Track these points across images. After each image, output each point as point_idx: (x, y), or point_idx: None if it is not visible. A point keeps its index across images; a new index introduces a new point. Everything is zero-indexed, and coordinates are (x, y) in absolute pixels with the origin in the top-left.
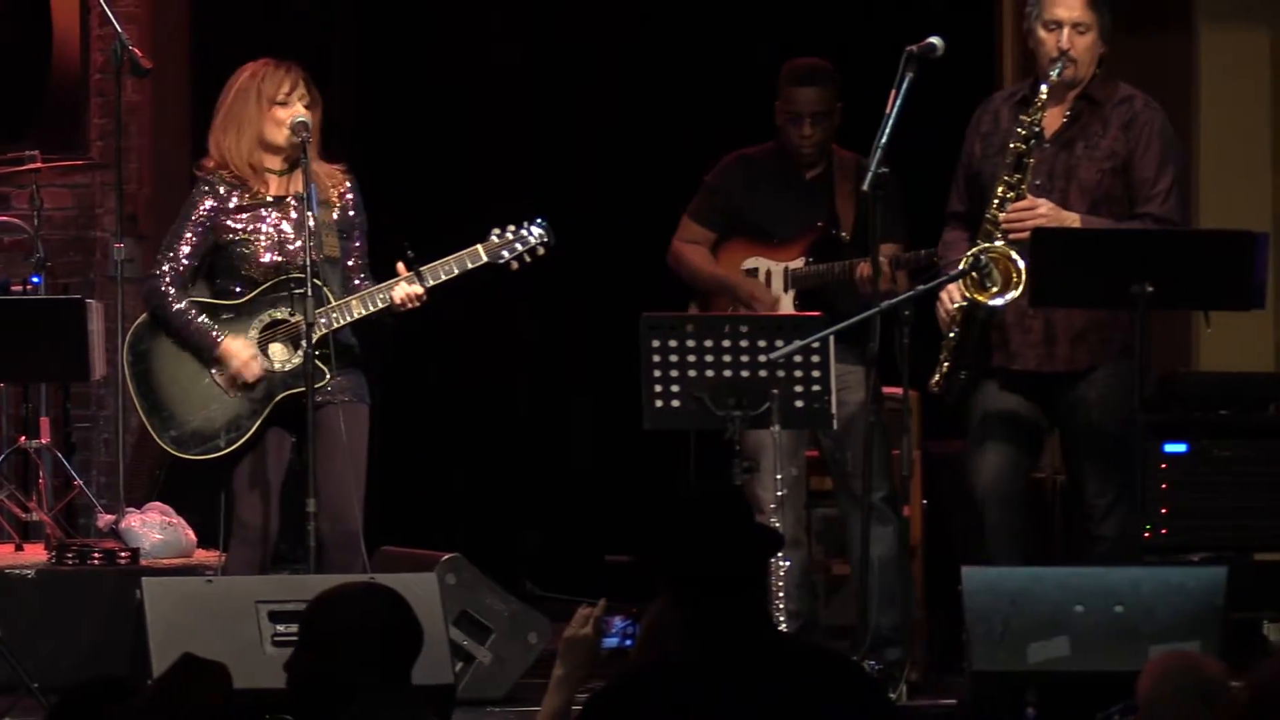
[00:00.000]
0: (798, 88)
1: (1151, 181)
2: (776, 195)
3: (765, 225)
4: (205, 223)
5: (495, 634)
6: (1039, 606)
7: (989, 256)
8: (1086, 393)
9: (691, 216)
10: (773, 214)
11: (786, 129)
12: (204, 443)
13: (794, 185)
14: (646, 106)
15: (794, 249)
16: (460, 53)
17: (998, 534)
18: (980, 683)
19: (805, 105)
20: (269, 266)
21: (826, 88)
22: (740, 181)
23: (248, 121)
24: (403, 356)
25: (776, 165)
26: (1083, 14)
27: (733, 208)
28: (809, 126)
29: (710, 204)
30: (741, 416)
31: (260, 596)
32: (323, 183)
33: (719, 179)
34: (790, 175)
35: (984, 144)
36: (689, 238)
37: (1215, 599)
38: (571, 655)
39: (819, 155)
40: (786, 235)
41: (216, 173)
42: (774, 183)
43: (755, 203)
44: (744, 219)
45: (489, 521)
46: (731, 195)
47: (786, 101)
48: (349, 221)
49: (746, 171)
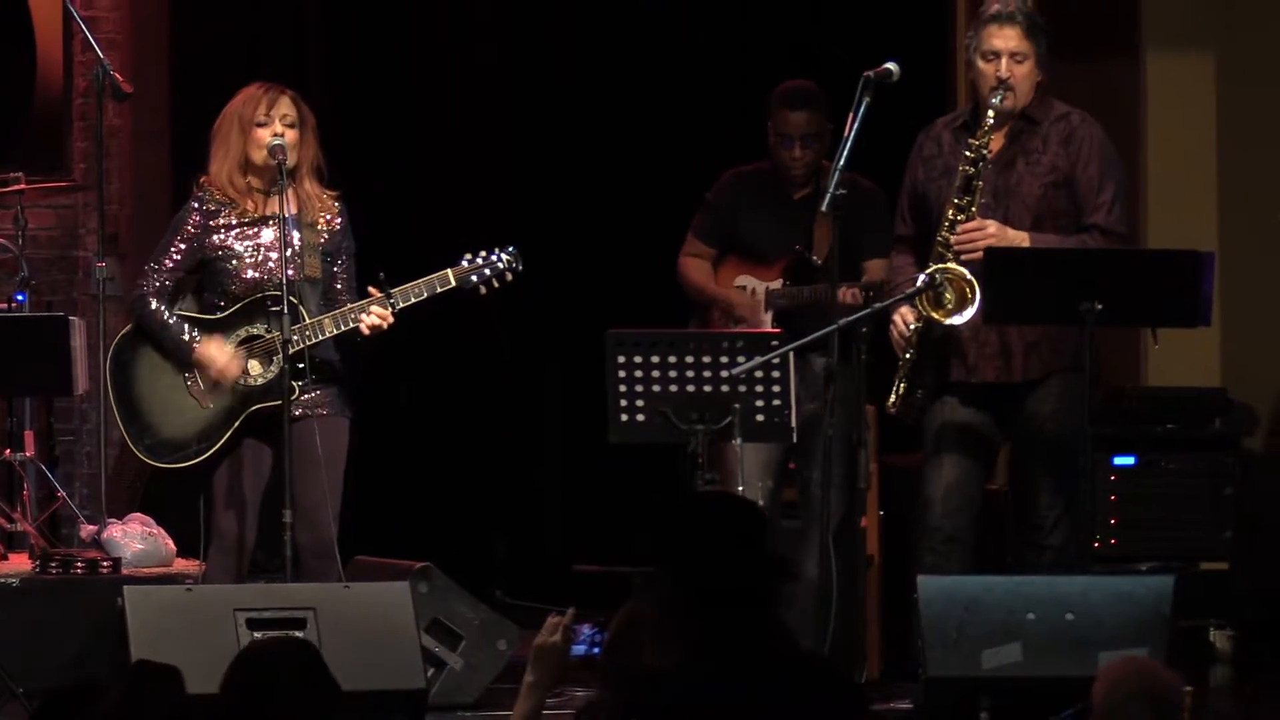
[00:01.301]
0: (789, 111)
1: (1095, 194)
2: (766, 215)
3: (755, 244)
4: (192, 238)
5: (466, 641)
6: (992, 614)
7: (944, 276)
8: (1039, 407)
9: (694, 233)
10: (761, 233)
11: (778, 150)
12: (176, 451)
13: (782, 206)
14: (615, 131)
15: (776, 270)
16: (437, 75)
17: (950, 543)
18: (935, 688)
19: (795, 128)
20: (250, 283)
21: (816, 111)
22: (735, 200)
23: (231, 144)
24: (377, 373)
25: (769, 185)
26: (1020, 44)
27: (729, 225)
28: (799, 149)
29: (709, 221)
30: (704, 430)
31: (238, 604)
32: (312, 205)
33: (717, 196)
34: (780, 196)
35: (927, 168)
36: (692, 252)
37: (1163, 607)
38: (541, 662)
39: (809, 176)
40: (770, 255)
41: (209, 190)
42: (765, 203)
43: (748, 221)
44: (739, 237)
45: (460, 532)
46: (727, 213)
47: (778, 124)
48: (336, 245)
49: (741, 190)
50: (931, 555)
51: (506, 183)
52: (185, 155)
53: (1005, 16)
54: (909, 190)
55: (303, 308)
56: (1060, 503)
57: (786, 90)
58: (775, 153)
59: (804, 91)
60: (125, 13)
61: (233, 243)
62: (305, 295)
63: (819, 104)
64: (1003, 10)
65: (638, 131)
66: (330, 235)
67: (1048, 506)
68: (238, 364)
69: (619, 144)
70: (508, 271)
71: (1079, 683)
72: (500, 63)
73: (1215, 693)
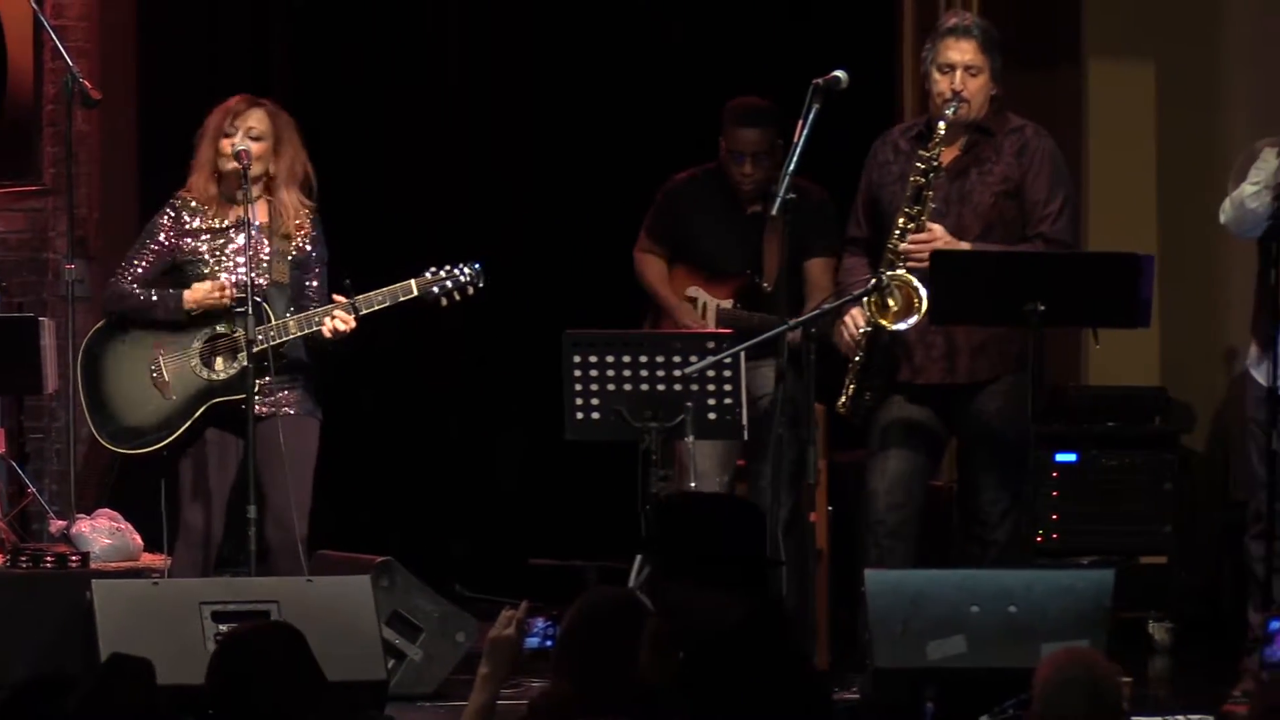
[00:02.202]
0: (740, 128)
1: (1044, 204)
2: (717, 226)
3: (706, 255)
4: (165, 241)
5: (425, 633)
6: (937, 607)
7: (892, 282)
8: (985, 405)
9: (647, 232)
10: (711, 245)
11: (729, 165)
12: (136, 439)
13: (734, 219)
14: (570, 140)
15: (726, 288)
16: (400, 87)
17: (894, 536)
18: (882, 679)
19: (746, 145)
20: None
21: (767, 128)
22: (685, 203)
23: (204, 155)
24: (341, 375)
25: (720, 193)
26: (974, 57)
27: (680, 228)
28: (750, 165)
29: (659, 221)
30: (658, 428)
31: (204, 598)
32: (285, 216)
33: (669, 197)
34: (732, 207)
35: (881, 173)
36: (646, 249)
37: (1103, 600)
38: (495, 655)
39: (759, 192)
40: (720, 271)
41: (185, 197)
42: (715, 213)
43: (697, 230)
44: (689, 243)
45: (420, 528)
46: (678, 216)
47: (729, 140)
48: (306, 255)
49: (691, 194)
50: (876, 548)
51: (468, 187)
52: (152, 161)
53: (961, 30)
54: (864, 194)
55: (269, 310)
56: (1004, 499)
57: (738, 107)
58: (726, 167)
59: (755, 109)
60: (94, 22)
61: (202, 248)
62: (272, 299)
63: (770, 121)
64: (959, 24)
65: (592, 140)
66: (302, 246)
67: (992, 502)
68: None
69: (574, 152)
70: (469, 286)
71: (1022, 673)
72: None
73: (1154, 683)
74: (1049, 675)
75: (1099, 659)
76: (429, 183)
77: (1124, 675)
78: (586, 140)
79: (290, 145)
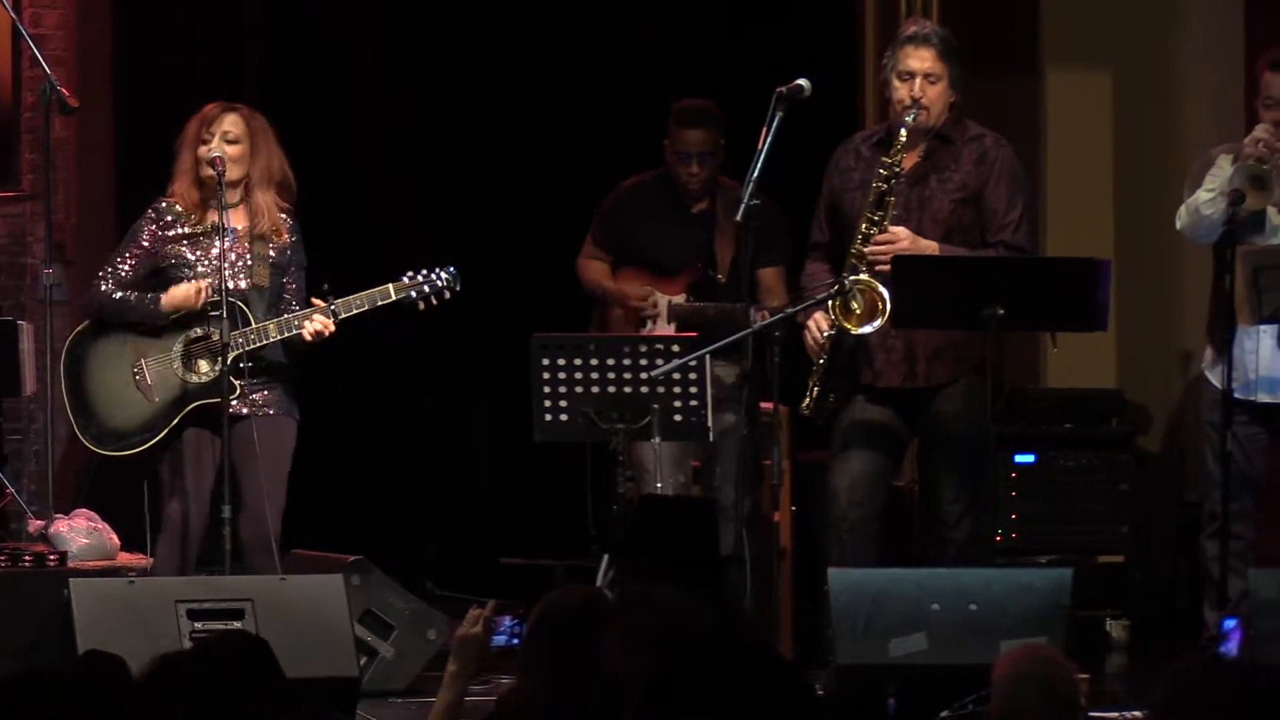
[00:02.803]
0: (685, 129)
1: (1003, 212)
2: (664, 226)
3: (653, 255)
4: (148, 246)
5: (397, 631)
6: (899, 605)
7: (856, 286)
8: (944, 407)
9: (592, 239)
10: (660, 245)
11: (675, 166)
12: (120, 440)
13: (681, 218)
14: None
15: (677, 283)
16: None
17: (855, 535)
18: (844, 676)
19: (692, 145)
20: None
21: (712, 129)
22: (631, 210)
23: (183, 162)
24: (316, 377)
25: (666, 196)
26: (934, 65)
27: (624, 235)
28: (696, 165)
29: (604, 229)
30: (625, 429)
31: (179, 596)
32: (264, 219)
33: (614, 205)
34: (678, 207)
35: (843, 179)
36: (590, 255)
37: (1061, 598)
38: (463, 653)
39: (705, 191)
40: (671, 267)
41: (168, 202)
42: (662, 214)
43: (645, 232)
44: (636, 247)
45: (392, 527)
46: (623, 222)
47: (675, 142)
48: (285, 259)
49: (638, 200)
50: (838, 546)
51: (440, 195)
52: (129, 167)
53: (921, 38)
54: (826, 200)
55: (249, 313)
56: (964, 499)
57: (684, 109)
58: (673, 168)
59: (700, 110)
60: (71, 31)
61: (185, 252)
62: (252, 302)
63: (715, 122)
64: (919, 32)
65: (559, 147)
66: (280, 249)
67: (952, 502)
68: (202, 286)
69: (542, 158)
70: (446, 290)
71: (982, 670)
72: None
73: (1111, 679)
74: (1005, 672)
75: (1054, 656)
76: (400, 189)
77: (1081, 672)
78: (554, 147)
79: (266, 147)
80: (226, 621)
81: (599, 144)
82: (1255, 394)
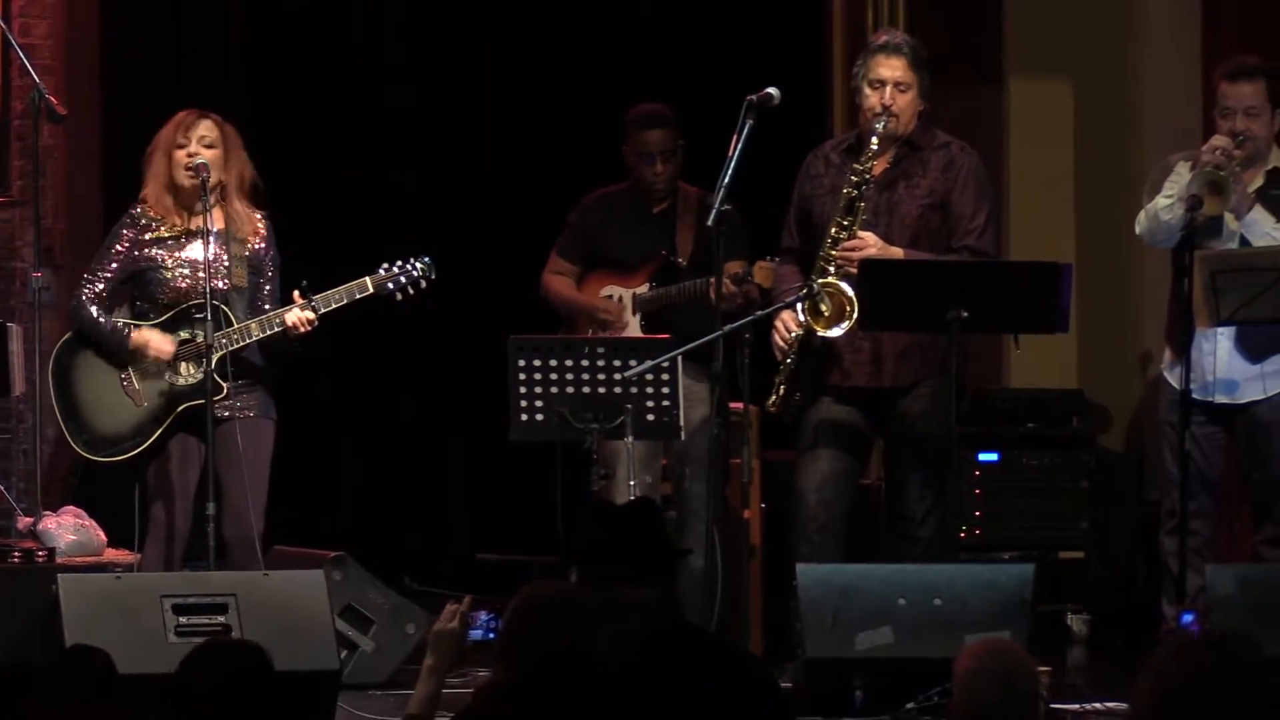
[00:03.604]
0: (645, 130)
1: (969, 218)
2: (628, 229)
3: (619, 256)
4: (126, 251)
5: (376, 625)
6: (866, 600)
7: (824, 289)
8: (910, 407)
9: (557, 252)
10: (625, 245)
11: (639, 168)
12: (112, 446)
13: (644, 219)
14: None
15: (641, 276)
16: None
17: (824, 533)
18: (813, 668)
19: (654, 145)
20: (179, 292)
21: (671, 129)
22: (598, 219)
23: (158, 167)
24: (296, 373)
25: (630, 202)
26: (904, 74)
27: (592, 243)
28: (660, 164)
29: (571, 241)
30: (599, 428)
31: (164, 591)
32: (240, 222)
33: (580, 217)
34: (642, 210)
35: (814, 185)
36: (555, 270)
37: (1024, 593)
38: (440, 646)
39: (668, 190)
40: (634, 264)
41: (143, 208)
42: (627, 218)
43: (611, 237)
44: (603, 252)
45: (372, 524)
46: (590, 232)
47: (637, 144)
48: (260, 259)
49: (604, 209)
50: (806, 544)
51: (417, 198)
52: (115, 173)
53: (892, 48)
54: (796, 206)
55: (230, 314)
56: (930, 496)
57: (641, 112)
58: (636, 171)
59: (657, 113)
60: (59, 41)
61: (163, 256)
62: (233, 303)
63: (672, 122)
64: (890, 41)
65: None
66: (256, 249)
67: (918, 500)
68: (170, 343)
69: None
70: (422, 279)
71: (946, 663)
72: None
73: (1072, 672)
74: (967, 666)
75: (1014, 650)
76: (379, 190)
77: (1042, 665)
78: (531, 148)
79: (237, 153)
80: (211, 616)
81: (575, 147)
82: (1213, 395)
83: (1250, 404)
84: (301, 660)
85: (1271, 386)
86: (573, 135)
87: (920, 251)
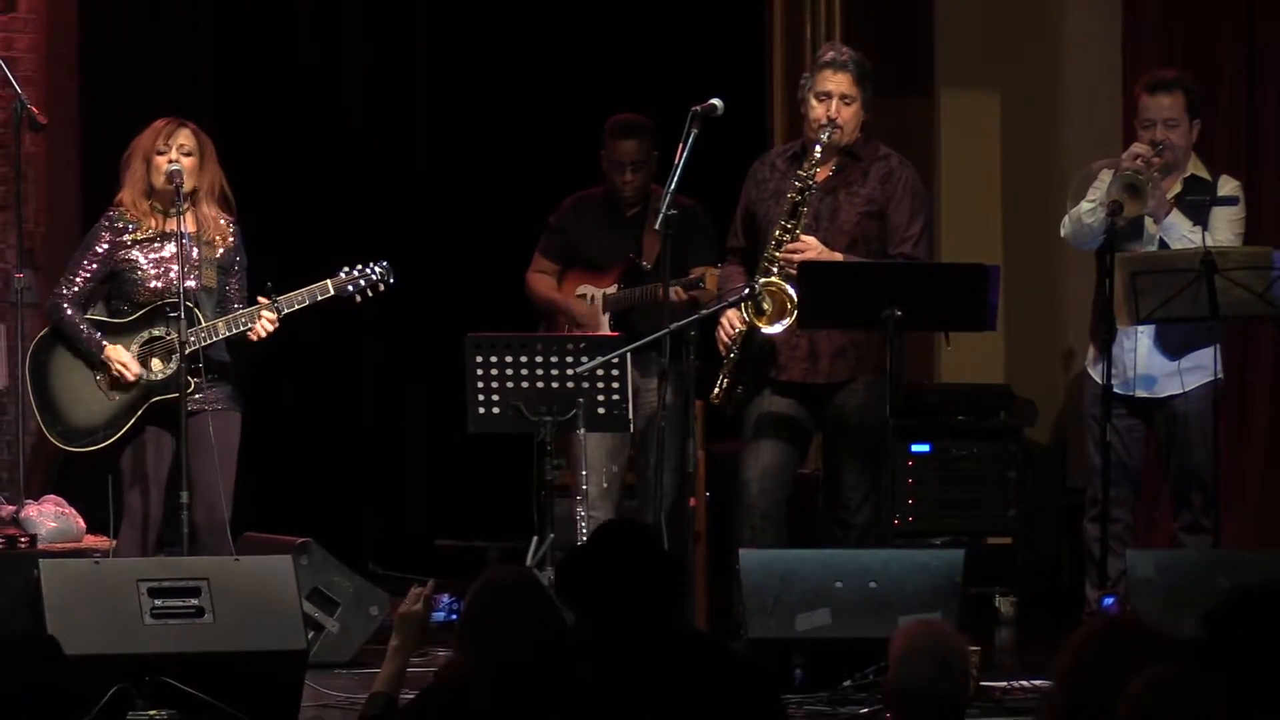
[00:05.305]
0: (620, 140)
1: (904, 227)
2: (602, 232)
3: (593, 257)
4: (103, 252)
5: (342, 607)
6: (805, 583)
7: (766, 289)
8: (846, 401)
9: (540, 252)
10: (598, 248)
11: (611, 175)
12: (85, 437)
13: (616, 223)
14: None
15: (611, 277)
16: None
17: (765, 520)
18: (755, 648)
19: (626, 155)
20: (153, 292)
21: (644, 139)
22: (575, 221)
23: (136, 172)
24: (263, 369)
25: (604, 205)
26: (850, 88)
27: (570, 243)
28: (630, 173)
29: (551, 241)
30: (552, 421)
31: (140, 575)
32: (210, 225)
33: (559, 219)
34: (615, 214)
35: (759, 190)
36: (538, 269)
37: (954, 576)
38: (404, 628)
39: (639, 197)
40: (606, 265)
41: (119, 210)
42: (601, 221)
43: (586, 238)
44: (579, 253)
45: (337, 511)
46: (568, 232)
47: (611, 152)
48: (229, 261)
49: (580, 212)
50: (749, 530)
51: (377, 201)
52: (94, 179)
53: (839, 63)
54: (743, 209)
55: (199, 312)
56: (865, 486)
57: (618, 122)
58: (609, 177)
59: (633, 123)
60: (41, 54)
61: (138, 257)
62: (202, 302)
63: (646, 133)
64: (836, 57)
65: (491, 160)
66: (225, 252)
67: (854, 489)
68: (137, 365)
69: (475, 168)
70: (380, 283)
71: (882, 643)
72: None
73: (1000, 651)
74: (901, 645)
75: (946, 629)
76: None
77: (972, 644)
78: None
79: (211, 161)
80: (184, 599)
81: (529, 151)
82: (1134, 390)
83: (1169, 398)
84: (270, 640)
85: (1189, 381)
86: (529, 137)
87: (857, 257)
